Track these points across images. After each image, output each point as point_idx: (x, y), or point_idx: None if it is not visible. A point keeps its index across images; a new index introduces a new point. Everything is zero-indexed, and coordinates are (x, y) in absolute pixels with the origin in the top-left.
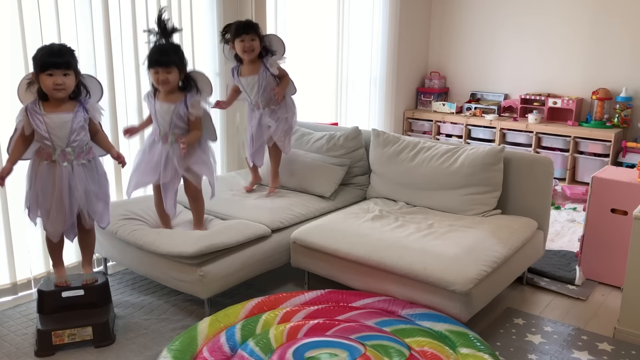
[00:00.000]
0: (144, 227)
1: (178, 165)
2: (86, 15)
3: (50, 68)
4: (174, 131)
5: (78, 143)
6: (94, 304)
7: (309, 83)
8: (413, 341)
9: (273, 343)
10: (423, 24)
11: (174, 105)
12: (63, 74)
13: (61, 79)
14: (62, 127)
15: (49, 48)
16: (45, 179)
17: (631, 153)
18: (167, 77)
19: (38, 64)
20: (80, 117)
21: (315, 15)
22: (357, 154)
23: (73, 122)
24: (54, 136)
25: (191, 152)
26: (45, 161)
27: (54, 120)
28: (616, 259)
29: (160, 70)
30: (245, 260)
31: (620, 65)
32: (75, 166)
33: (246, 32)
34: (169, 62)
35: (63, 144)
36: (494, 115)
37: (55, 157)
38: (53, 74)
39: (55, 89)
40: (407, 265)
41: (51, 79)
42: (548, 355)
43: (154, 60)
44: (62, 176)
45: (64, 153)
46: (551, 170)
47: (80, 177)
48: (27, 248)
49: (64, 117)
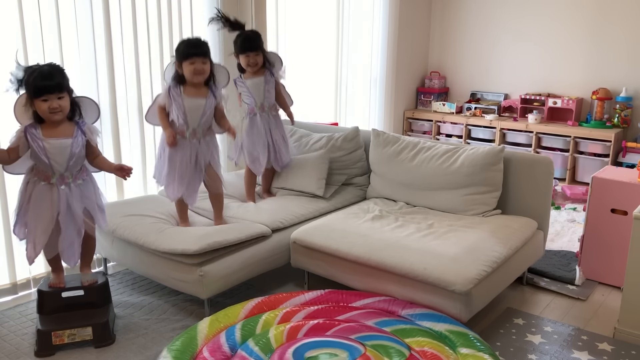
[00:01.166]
0: (154, 225)
1: (211, 159)
2: (86, 14)
3: (44, 94)
4: (204, 125)
5: (75, 167)
6: (94, 304)
7: (309, 83)
8: (413, 341)
9: (273, 343)
10: (423, 24)
11: (204, 99)
12: (57, 97)
13: (56, 103)
14: (62, 153)
15: (39, 71)
16: (41, 201)
17: (631, 153)
18: (204, 67)
19: (31, 89)
20: (79, 142)
21: (315, 15)
22: (356, 155)
23: (72, 147)
24: (53, 161)
25: (214, 143)
26: (43, 182)
27: (53, 145)
28: (616, 259)
29: (197, 60)
30: (245, 260)
31: (620, 65)
32: (72, 188)
33: (251, 49)
34: (206, 52)
35: (62, 169)
36: (494, 115)
37: (53, 181)
38: (48, 99)
39: (51, 113)
40: (407, 265)
41: (46, 104)
42: (548, 355)
43: (191, 52)
44: (60, 199)
45: (62, 177)
46: (551, 170)
47: (79, 198)
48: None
49: (64, 142)
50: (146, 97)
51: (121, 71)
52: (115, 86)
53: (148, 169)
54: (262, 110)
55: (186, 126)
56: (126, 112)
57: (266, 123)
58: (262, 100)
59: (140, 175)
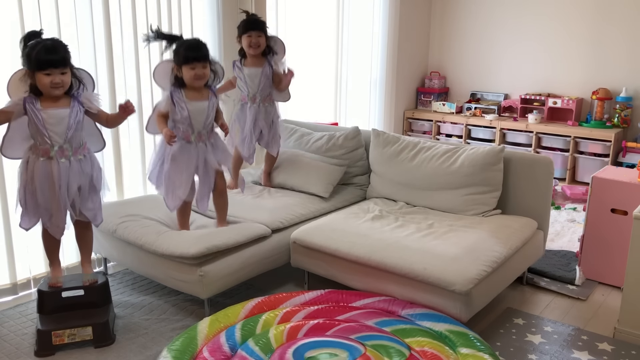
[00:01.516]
0: (154, 225)
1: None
2: (86, 15)
3: (48, 67)
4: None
5: (75, 139)
6: (94, 304)
7: (309, 83)
8: (413, 341)
9: (273, 343)
10: (423, 24)
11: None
12: (60, 72)
13: (59, 78)
14: (60, 123)
15: (43, 45)
16: (43, 177)
17: (631, 153)
18: (204, 72)
19: (34, 62)
20: (76, 112)
21: (315, 15)
22: (356, 154)
23: (70, 117)
24: (51, 132)
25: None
26: (42, 158)
27: (51, 115)
28: (616, 259)
29: (198, 65)
30: (245, 260)
31: (620, 65)
32: (72, 162)
33: (254, 29)
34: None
35: (61, 140)
36: (494, 115)
37: (52, 154)
38: (51, 74)
39: (53, 87)
40: (407, 265)
41: (49, 78)
42: (548, 355)
43: (192, 56)
44: (61, 173)
45: (61, 149)
46: (551, 170)
47: (77, 173)
48: (27, 248)
49: (62, 112)
50: (146, 98)
51: (121, 72)
52: (115, 86)
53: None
54: (254, 101)
55: (191, 130)
56: None
57: (254, 113)
58: (255, 92)
59: (140, 175)
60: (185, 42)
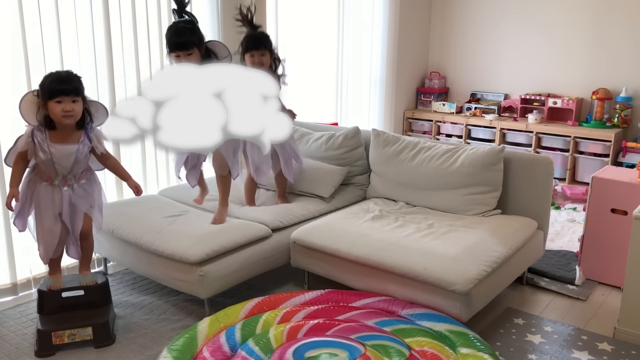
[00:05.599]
0: (154, 225)
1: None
2: (86, 14)
3: (60, 95)
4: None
5: (79, 170)
6: (94, 304)
7: (309, 83)
8: (413, 341)
9: (273, 343)
10: (423, 24)
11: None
12: (72, 100)
13: (70, 106)
14: (67, 158)
15: (56, 75)
16: (44, 199)
17: (631, 153)
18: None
19: (46, 91)
20: (84, 148)
21: (315, 15)
22: (356, 153)
23: (77, 152)
24: (57, 165)
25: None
26: (45, 182)
27: (59, 151)
28: (616, 259)
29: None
30: (245, 260)
31: (620, 65)
32: (75, 188)
33: (256, 48)
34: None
35: (65, 172)
36: (494, 115)
37: (56, 183)
38: (62, 101)
39: (64, 116)
40: (407, 265)
41: (60, 106)
42: (548, 355)
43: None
44: (63, 199)
45: (65, 179)
46: (551, 170)
47: (82, 197)
48: (27, 248)
49: (70, 148)
50: None
51: (121, 72)
52: (115, 87)
53: (148, 169)
54: None
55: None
56: None
57: None
58: None
59: (140, 175)
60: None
